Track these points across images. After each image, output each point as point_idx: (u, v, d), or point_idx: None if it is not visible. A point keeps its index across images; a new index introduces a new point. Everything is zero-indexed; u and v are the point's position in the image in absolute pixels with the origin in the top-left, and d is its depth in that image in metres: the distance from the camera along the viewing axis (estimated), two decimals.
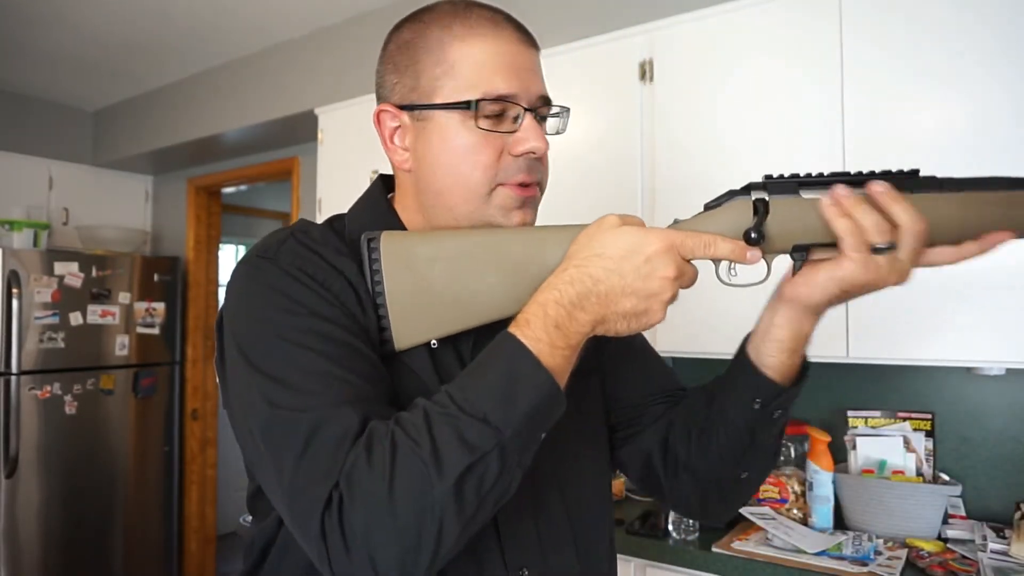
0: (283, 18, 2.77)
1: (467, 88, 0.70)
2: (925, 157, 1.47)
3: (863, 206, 0.60)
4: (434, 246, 0.69)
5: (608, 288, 0.61)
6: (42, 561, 3.00)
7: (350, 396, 0.60)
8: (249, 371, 0.63)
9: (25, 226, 3.28)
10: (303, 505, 0.57)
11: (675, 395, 0.86)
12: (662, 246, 0.62)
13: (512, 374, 0.58)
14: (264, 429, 0.61)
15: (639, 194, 1.81)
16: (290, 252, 0.68)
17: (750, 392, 0.72)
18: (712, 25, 1.74)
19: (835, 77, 1.57)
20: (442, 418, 0.57)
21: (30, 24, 2.82)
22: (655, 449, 0.83)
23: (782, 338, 0.69)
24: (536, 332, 0.60)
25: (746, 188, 0.65)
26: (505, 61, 0.70)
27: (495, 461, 0.56)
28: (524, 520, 0.72)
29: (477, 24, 0.71)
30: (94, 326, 3.24)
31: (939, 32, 1.46)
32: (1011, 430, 1.66)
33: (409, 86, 0.73)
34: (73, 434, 3.14)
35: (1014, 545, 1.43)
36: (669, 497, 0.84)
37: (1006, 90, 1.40)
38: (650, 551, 1.58)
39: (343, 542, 0.55)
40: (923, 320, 1.48)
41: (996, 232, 0.61)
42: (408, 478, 0.55)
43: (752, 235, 0.63)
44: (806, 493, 1.67)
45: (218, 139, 3.29)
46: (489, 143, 0.71)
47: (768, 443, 0.76)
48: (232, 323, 0.67)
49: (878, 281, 0.62)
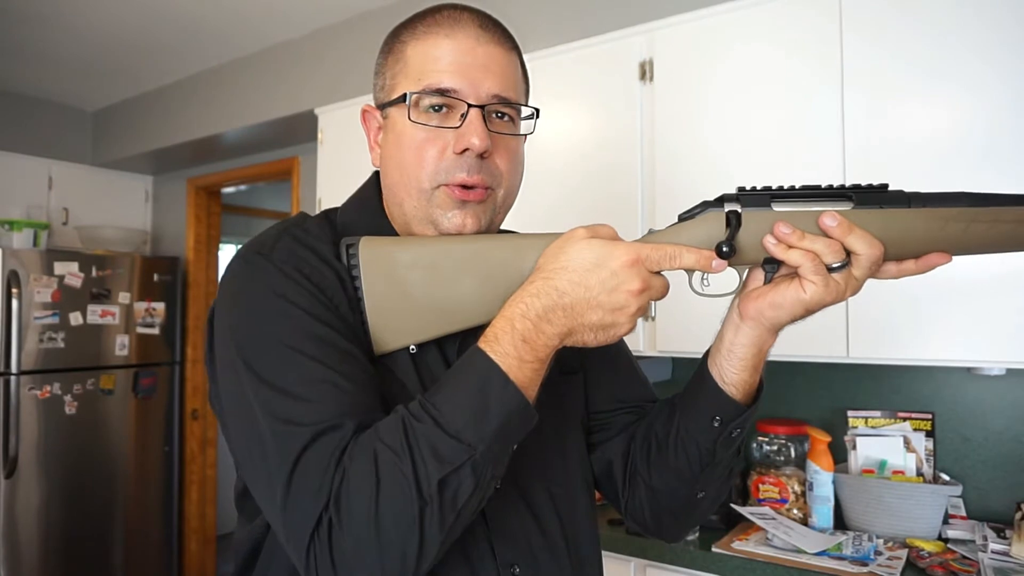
0: (283, 18, 2.77)
1: (413, 83, 0.70)
2: (926, 156, 1.47)
3: (809, 236, 0.62)
4: (412, 252, 0.70)
5: (573, 301, 0.61)
6: (42, 561, 3.00)
7: (346, 405, 0.61)
8: (247, 374, 0.63)
9: (25, 226, 3.28)
10: (295, 521, 0.58)
11: (644, 407, 0.86)
12: (628, 259, 0.62)
13: (483, 390, 0.59)
14: (259, 438, 0.61)
15: (639, 194, 1.81)
16: (286, 250, 0.68)
17: (711, 410, 0.72)
18: (712, 24, 1.74)
19: (835, 75, 1.56)
20: (419, 433, 0.58)
21: (30, 24, 2.82)
22: (616, 459, 0.84)
23: (745, 356, 0.70)
24: (504, 347, 0.61)
25: (719, 200, 0.66)
26: (454, 58, 0.70)
27: (469, 475, 0.58)
28: (514, 518, 0.73)
29: (438, 23, 0.72)
30: (94, 326, 3.24)
31: (940, 31, 1.46)
32: (1011, 430, 1.66)
33: (379, 86, 0.76)
34: (73, 434, 3.14)
35: (1015, 545, 1.43)
36: (626, 509, 0.85)
37: (1007, 86, 1.40)
38: (650, 551, 1.58)
39: (331, 562, 0.57)
40: (923, 320, 1.48)
41: (935, 254, 0.64)
42: (391, 495, 0.56)
43: (724, 248, 0.63)
44: (806, 493, 1.66)
45: (218, 139, 3.29)
46: (432, 140, 0.71)
47: (724, 462, 0.76)
48: (228, 323, 0.66)
49: (838, 298, 0.63)
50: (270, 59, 3.03)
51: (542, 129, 2.07)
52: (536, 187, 1.41)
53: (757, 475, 1.75)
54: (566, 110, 1.96)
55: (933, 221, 0.63)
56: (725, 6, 1.72)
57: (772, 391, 2.15)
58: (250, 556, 0.73)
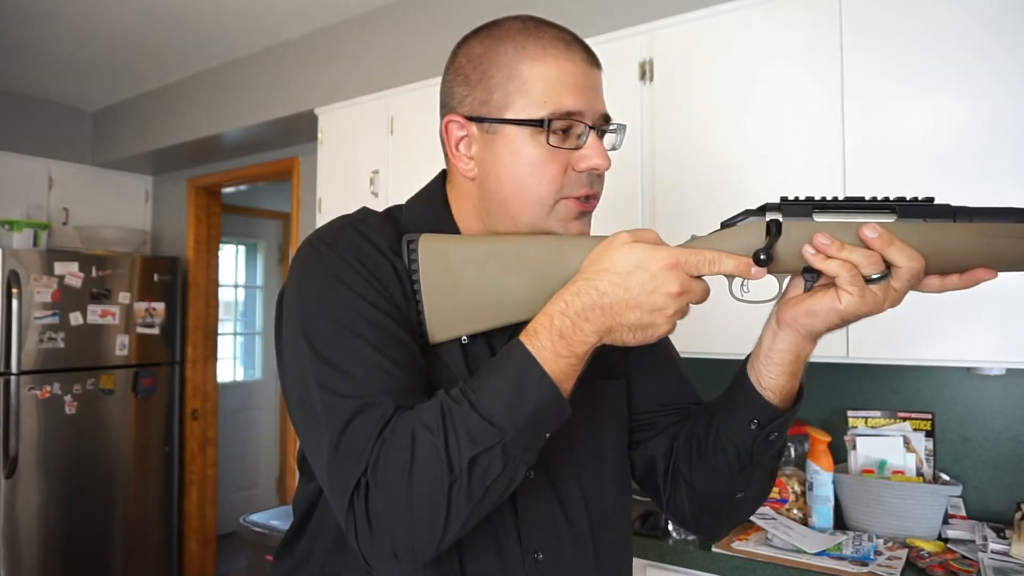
0: (283, 18, 2.77)
1: (538, 104, 0.73)
2: (926, 157, 1.47)
3: (848, 247, 0.63)
4: (466, 249, 0.74)
5: (613, 301, 0.65)
6: (42, 561, 3.00)
7: (390, 386, 0.66)
8: (307, 349, 0.69)
9: (25, 226, 3.29)
10: (338, 483, 0.65)
11: (688, 408, 0.89)
12: (668, 263, 0.65)
13: (519, 380, 0.63)
14: (312, 407, 0.68)
15: (639, 193, 1.81)
16: (348, 240, 0.74)
17: (748, 413, 0.74)
18: (712, 25, 1.74)
19: (835, 75, 1.56)
20: (456, 414, 0.63)
21: (30, 24, 2.82)
22: (659, 457, 0.87)
23: (782, 362, 0.71)
24: (542, 341, 0.65)
25: (762, 208, 0.67)
26: (574, 80, 0.74)
27: (498, 457, 0.62)
28: (542, 507, 0.77)
29: (550, 44, 0.75)
30: (94, 326, 3.24)
31: (939, 32, 1.46)
32: (1011, 430, 1.66)
33: (480, 99, 0.76)
34: (73, 434, 3.14)
35: (1015, 545, 1.43)
36: (667, 505, 0.88)
37: (1007, 91, 1.40)
38: (650, 551, 1.58)
39: (368, 522, 0.63)
40: (923, 320, 1.48)
41: (981, 270, 0.64)
42: (424, 468, 0.61)
43: (761, 256, 0.65)
44: (806, 493, 1.66)
45: (218, 139, 3.29)
46: (556, 159, 0.74)
47: (764, 464, 0.78)
48: (293, 302, 0.73)
49: (875, 309, 0.65)
50: (270, 59, 3.03)
51: None
52: None
53: None
54: None
55: (979, 236, 0.63)
56: (725, 6, 1.72)
57: None
58: (306, 513, 0.81)
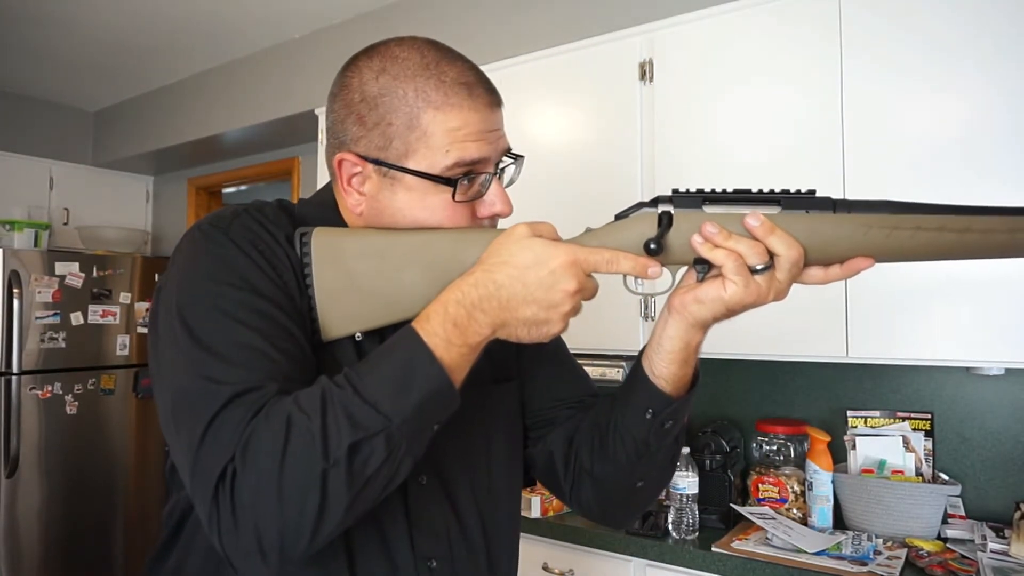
0: (283, 18, 2.77)
1: (441, 154, 0.71)
2: (925, 158, 1.47)
3: (734, 236, 0.64)
4: (362, 243, 0.72)
5: (510, 295, 0.64)
6: (42, 561, 3.00)
7: (274, 373, 0.63)
8: (183, 334, 0.64)
9: (26, 226, 3.29)
10: (202, 472, 0.60)
11: (585, 401, 0.89)
12: (566, 260, 0.64)
13: (408, 366, 0.61)
14: (184, 395, 0.63)
15: (639, 193, 1.81)
16: (243, 226, 0.70)
17: (643, 402, 0.74)
18: (712, 25, 1.74)
19: (835, 76, 1.57)
20: (337, 397, 0.59)
21: (30, 24, 2.82)
22: (556, 451, 0.86)
23: (673, 349, 0.71)
24: (435, 327, 0.63)
25: (654, 201, 0.68)
26: (478, 128, 0.72)
27: (382, 445, 0.59)
28: (436, 514, 0.76)
29: (452, 91, 0.71)
30: (95, 326, 3.24)
31: (939, 32, 1.46)
32: (1011, 430, 1.66)
33: (377, 144, 0.72)
34: (74, 434, 3.14)
35: (1014, 545, 1.43)
36: (571, 498, 0.87)
37: (1003, 95, 1.40)
38: (650, 551, 1.58)
39: (232, 512, 0.58)
40: (923, 320, 1.48)
41: (859, 258, 0.65)
42: (297, 453, 0.57)
43: (652, 245, 0.66)
44: (806, 493, 1.67)
45: (218, 139, 3.29)
46: (459, 210, 0.73)
47: (661, 453, 0.78)
48: (175, 287, 0.68)
49: (759, 300, 0.65)
50: (270, 59, 3.03)
51: (542, 129, 2.07)
52: (536, 187, 1.42)
53: (757, 475, 1.76)
54: (566, 110, 1.97)
55: (856, 227, 0.64)
56: (725, 6, 1.72)
57: (772, 391, 2.14)
58: (178, 523, 0.77)
